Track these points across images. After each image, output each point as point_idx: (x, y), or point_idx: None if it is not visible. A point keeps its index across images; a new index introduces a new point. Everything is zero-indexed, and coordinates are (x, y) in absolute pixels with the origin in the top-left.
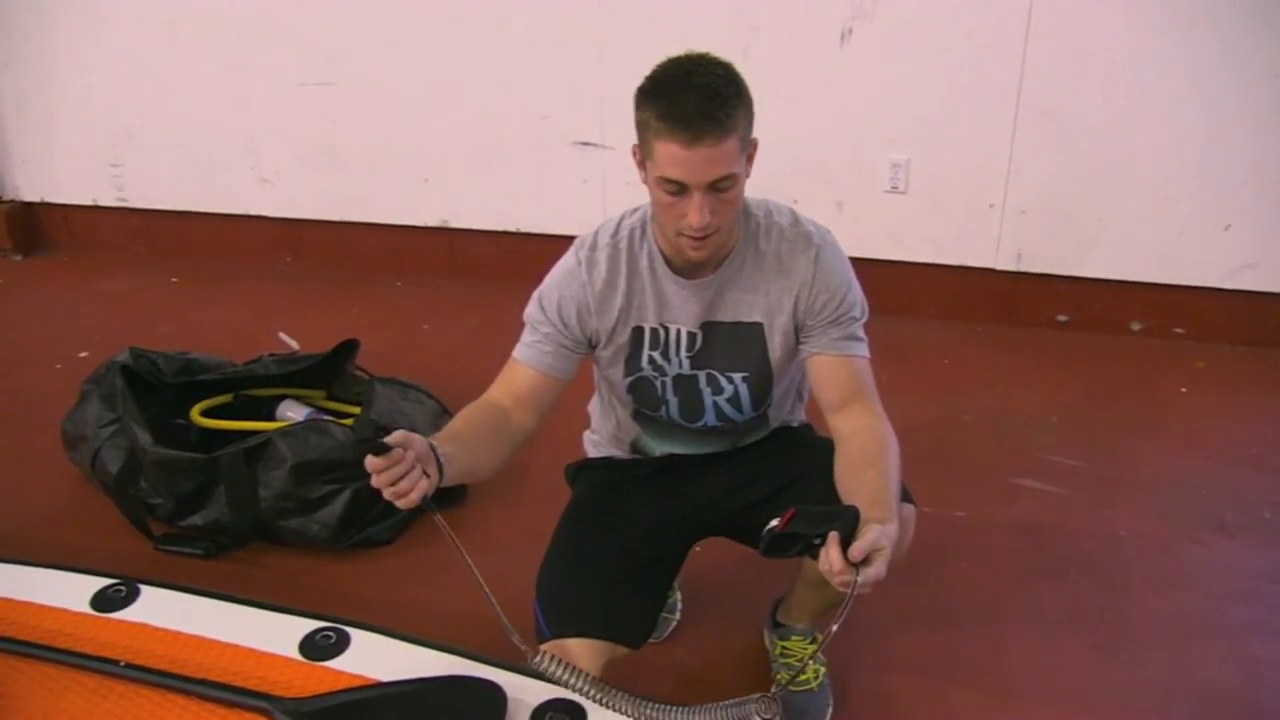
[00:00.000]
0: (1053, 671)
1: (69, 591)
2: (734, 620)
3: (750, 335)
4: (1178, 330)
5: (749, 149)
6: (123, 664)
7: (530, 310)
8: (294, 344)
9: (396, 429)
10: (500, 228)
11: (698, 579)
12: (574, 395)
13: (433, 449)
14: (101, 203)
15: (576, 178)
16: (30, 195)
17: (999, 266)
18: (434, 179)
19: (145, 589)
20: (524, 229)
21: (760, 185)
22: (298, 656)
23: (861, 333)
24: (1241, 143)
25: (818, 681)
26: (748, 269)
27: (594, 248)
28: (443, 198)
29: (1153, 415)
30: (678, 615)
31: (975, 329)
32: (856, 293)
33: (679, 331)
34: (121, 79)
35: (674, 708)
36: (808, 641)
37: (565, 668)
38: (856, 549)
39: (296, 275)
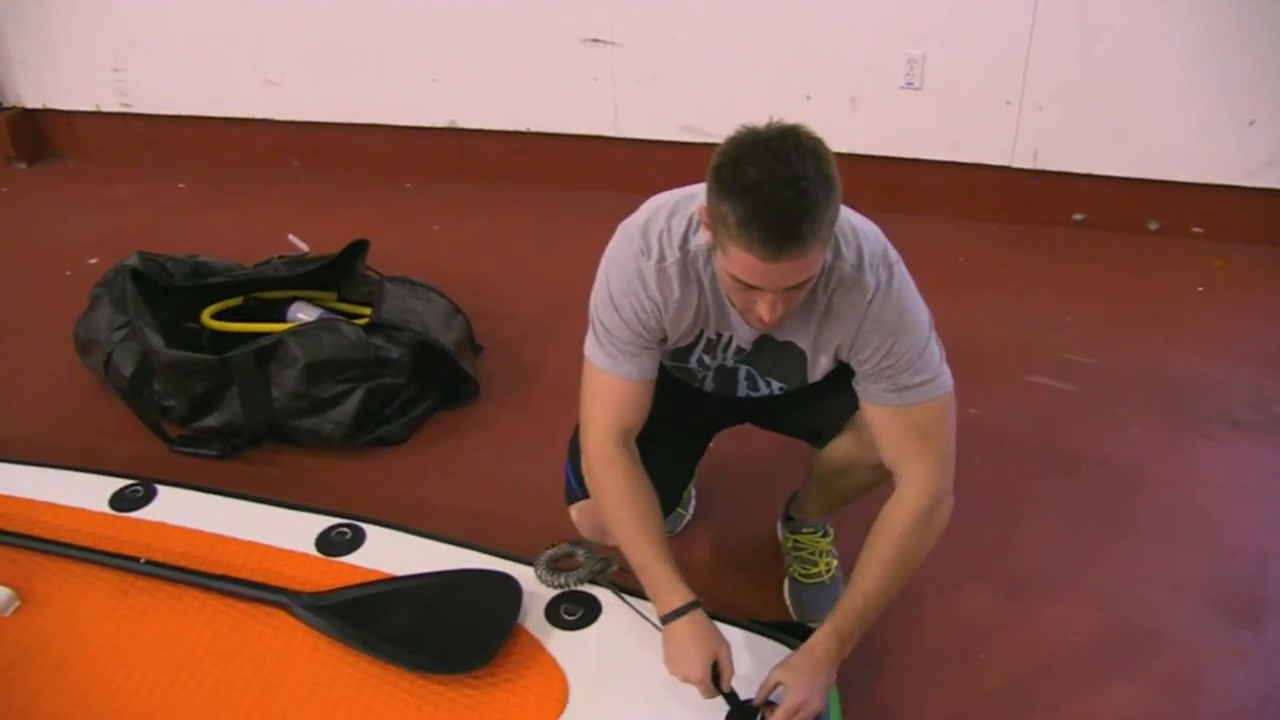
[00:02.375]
0: (1064, 565)
1: (88, 492)
2: (747, 515)
3: (795, 357)
4: (1196, 230)
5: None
6: (143, 561)
7: (605, 316)
8: (303, 245)
9: (408, 330)
10: (509, 127)
11: (710, 475)
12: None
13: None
14: (105, 108)
15: (586, 76)
16: (32, 102)
17: (1015, 164)
18: (441, 79)
19: (162, 489)
20: (533, 128)
21: (772, 81)
22: (314, 552)
23: (922, 375)
24: (1267, 34)
25: (829, 574)
26: (803, 307)
27: (662, 259)
28: (451, 98)
29: (1168, 314)
30: (690, 511)
31: (990, 228)
32: (910, 341)
33: (732, 339)
34: None
35: None
36: (819, 535)
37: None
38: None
39: (304, 179)
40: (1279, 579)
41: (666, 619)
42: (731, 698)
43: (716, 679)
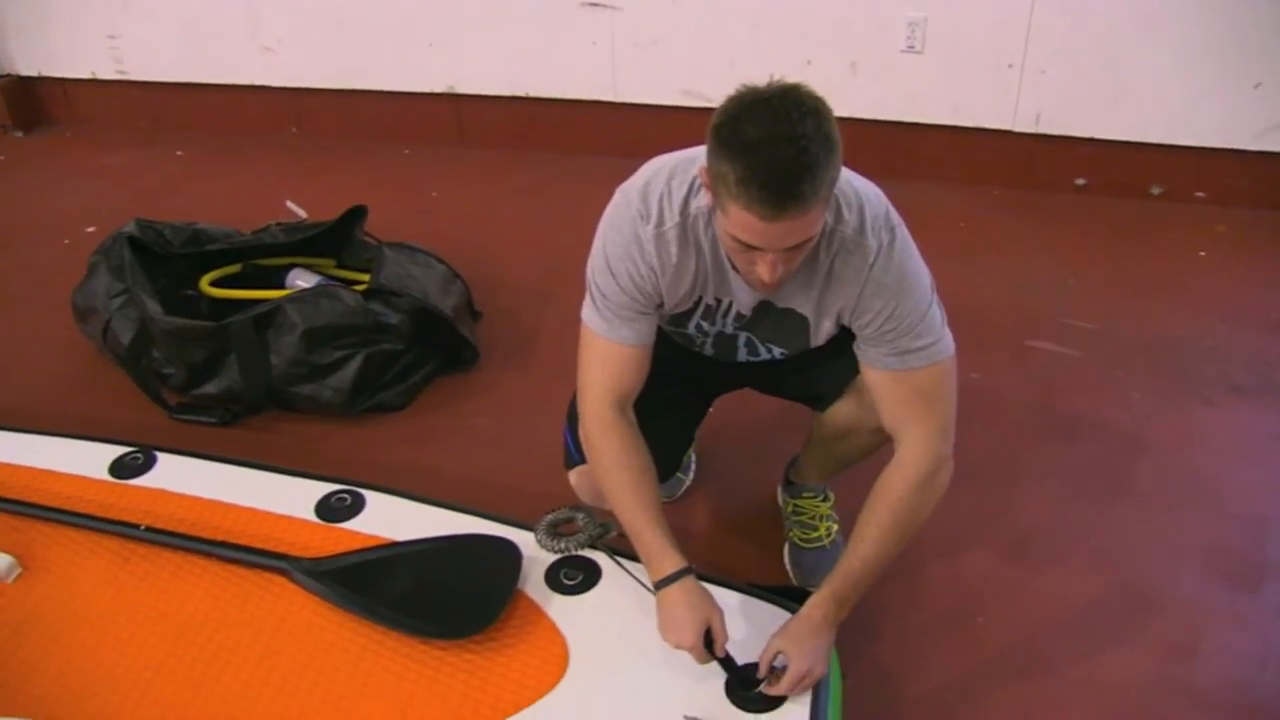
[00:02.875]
0: (1064, 530)
1: (87, 460)
2: (747, 480)
3: (797, 323)
4: (1199, 194)
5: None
6: (143, 528)
7: (601, 281)
8: (301, 212)
9: (407, 296)
10: (508, 93)
11: (711, 439)
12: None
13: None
14: (100, 75)
15: (585, 40)
16: (27, 69)
17: (1017, 129)
18: (439, 43)
19: (162, 456)
20: (532, 93)
21: (772, 45)
22: (314, 518)
23: (923, 339)
24: None
25: (830, 539)
26: (804, 271)
27: (661, 224)
28: (448, 63)
29: (1170, 279)
30: (690, 476)
31: (992, 192)
32: (912, 305)
33: (731, 305)
34: None
35: None
36: (820, 499)
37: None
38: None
39: (302, 146)
40: (1277, 543)
41: (659, 585)
42: (727, 663)
43: (710, 645)
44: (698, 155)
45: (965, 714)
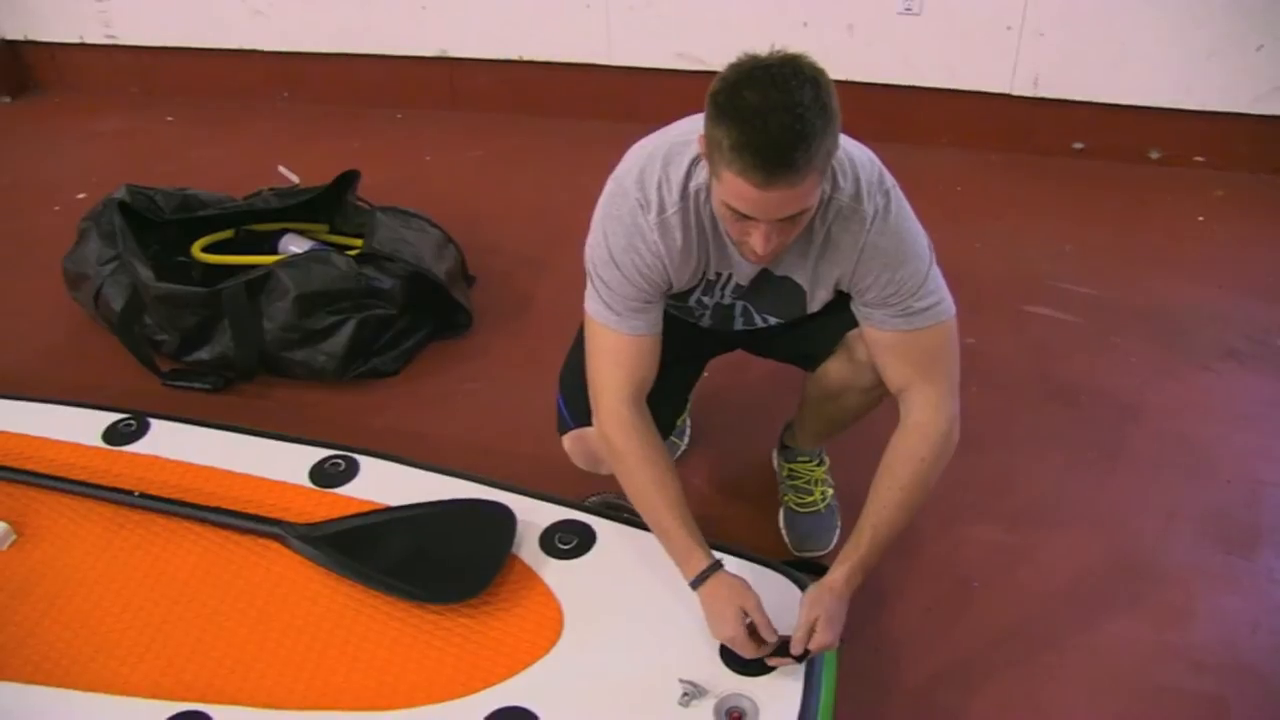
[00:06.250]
0: (1061, 495)
1: (80, 426)
2: (742, 444)
3: (793, 291)
4: (1198, 158)
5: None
6: (137, 494)
7: (606, 274)
8: (294, 177)
9: (400, 260)
10: (502, 56)
11: (706, 404)
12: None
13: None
14: (89, 40)
15: (579, 2)
16: (13, 33)
17: (1015, 92)
18: (431, 6)
19: (155, 422)
20: (526, 57)
21: (768, 7)
22: (308, 484)
23: (928, 299)
24: None
25: (825, 503)
26: (801, 240)
27: (662, 210)
28: (441, 26)
29: (1168, 244)
30: (686, 440)
31: (989, 156)
32: (913, 267)
33: (730, 277)
34: None
35: None
36: (815, 463)
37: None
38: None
39: (295, 111)
40: (1272, 508)
41: (693, 584)
42: (783, 649)
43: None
44: (686, 135)
45: (961, 680)
